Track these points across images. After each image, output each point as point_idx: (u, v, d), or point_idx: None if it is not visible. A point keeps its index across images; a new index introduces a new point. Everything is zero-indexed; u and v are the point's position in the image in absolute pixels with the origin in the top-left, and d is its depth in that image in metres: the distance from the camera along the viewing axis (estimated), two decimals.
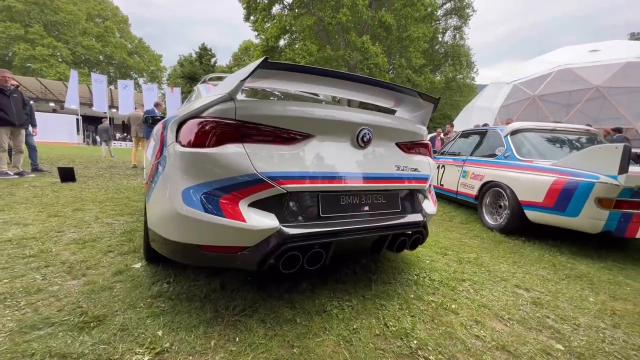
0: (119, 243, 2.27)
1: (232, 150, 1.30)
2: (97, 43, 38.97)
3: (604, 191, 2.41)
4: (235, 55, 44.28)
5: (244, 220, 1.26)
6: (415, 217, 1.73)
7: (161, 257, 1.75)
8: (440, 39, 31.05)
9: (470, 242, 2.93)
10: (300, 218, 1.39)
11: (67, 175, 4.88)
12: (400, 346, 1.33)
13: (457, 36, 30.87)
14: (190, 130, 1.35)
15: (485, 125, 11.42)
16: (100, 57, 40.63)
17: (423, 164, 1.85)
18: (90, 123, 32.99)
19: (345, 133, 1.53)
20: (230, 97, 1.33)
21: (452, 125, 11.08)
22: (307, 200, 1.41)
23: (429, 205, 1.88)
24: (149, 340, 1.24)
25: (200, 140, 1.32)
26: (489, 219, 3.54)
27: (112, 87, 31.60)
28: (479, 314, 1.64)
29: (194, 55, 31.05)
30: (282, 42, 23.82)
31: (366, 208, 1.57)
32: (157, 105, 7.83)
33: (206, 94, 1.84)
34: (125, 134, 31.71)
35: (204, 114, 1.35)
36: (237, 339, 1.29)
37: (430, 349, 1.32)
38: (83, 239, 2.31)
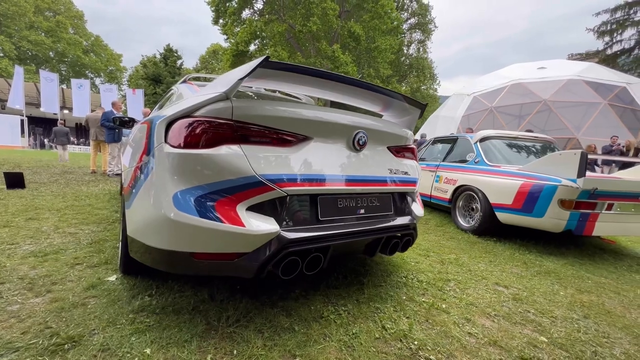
0: (87, 254, 2.06)
1: (228, 152, 1.24)
2: (47, 38, 35.85)
3: (565, 193, 2.65)
4: (203, 58, 43.04)
5: (242, 225, 1.20)
6: (407, 220, 1.76)
7: (140, 268, 1.62)
8: (405, 51, 32.64)
9: (448, 244, 3.05)
10: (299, 222, 1.35)
11: (14, 181, 4.38)
12: (401, 348, 1.33)
13: (421, 49, 32.67)
14: (181, 130, 1.27)
15: (452, 134, 12.11)
16: (51, 53, 37.38)
17: (412, 167, 1.90)
18: (37, 125, 30.01)
19: (342, 136, 1.53)
20: (226, 96, 1.28)
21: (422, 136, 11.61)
22: (305, 203, 1.38)
23: (417, 208, 1.93)
24: (137, 359, 1.12)
25: (193, 140, 1.24)
26: (462, 222, 3.72)
27: (64, 86, 29.15)
28: (468, 312, 1.69)
29: (158, 56, 29.65)
30: (252, 47, 23.56)
31: (362, 211, 1.57)
32: (114, 104, 7.34)
33: (192, 93, 1.75)
34: (81, 138, 29.32)
35: (196, 113, 1.28)
36: (235, 352, 1.21)
37: (430, 348, 1.34)
38: (43, 251, 2.06)
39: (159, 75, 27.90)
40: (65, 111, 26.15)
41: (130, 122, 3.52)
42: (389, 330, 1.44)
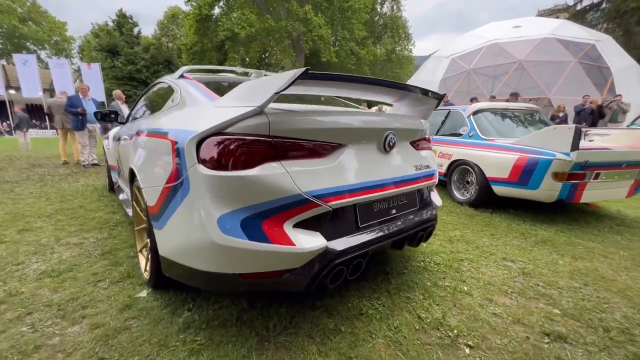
0: (104, 269, 1.99)
1: (271, 171, 1.20)
2: None
3: (560, 166, 2.82)
4: (161, 23, 39.25)
5: (292, 244, 1.20)
6: (431, 212, 1.83)
7: (171, 282, 1.60)
8: (379, 9, 31.38)
9: (449, 219, 3.22)
10: (342, 232, 1.37)
11: None
12: (441, 337, 1.45)
13: (395, 7, 31.49)
14: (217, 150, 1.20)
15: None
16: None
17: (431, 158, 1.93)
18: None
19: (373, 139, 1.51)
20: (261, 110, 1.20)
21: None
22: (347, 213, 1.39)
23: (437, 197, 1.99)
24: None
25: (232, 161, 1.18)
26: (458, 195, 3.89)
27: (3, 62, 25.88)
28: (488, 292, 1.85)
29: (110, 24, 26.68)
30: (216, 10, 21.67)
31: (393, 211, 1.61)
32: (80, 89, 6.70)
33: (202, 96, 1.64)
34: (36, 121, 26.74)
35: (230, 130, 1.20)
36: None
37: (465, 334, 1.47)
38: (55, 269, 1.97)
39: (115, 46, 25.37)
40: (12, 91, 23.48)
41: (114, 116, 3.25)
42: (425, 320, 1.56)
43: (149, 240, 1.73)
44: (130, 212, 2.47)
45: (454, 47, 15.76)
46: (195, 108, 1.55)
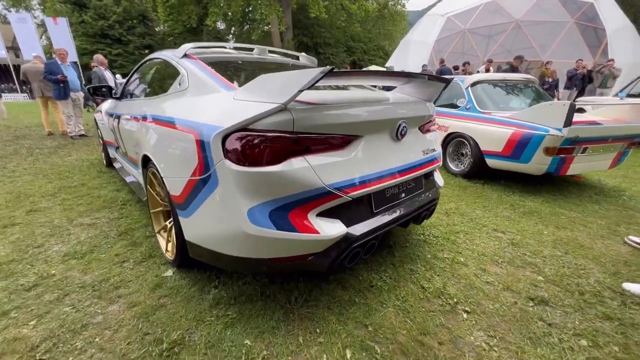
0: (124, 249, 2.09)
1: (296, 166, 1.27)
2: None
3: (551, 142, 2.96)
4: None
5: (317, 232, 1.32)
6: (434, 192, 1.96)
7: (195, 262, 1.72)
8: None
9: (444, 191, 3.40)
10: (359, 218, 1.48)
11: None
12: (442, 304, 1.66)
13: None
14: (243, 146, 1.25)
15: (424, 66, 11.87)
16: None
17: (435, 141, 2.02)
18: None
19: (387, 129, 1.58)
20: (285, 106, 1.24)
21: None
22: (363, 200, 1.50)
23: (439, 178, 2.12)
24: (243, 351, 1.33)
25: (258, 157, 1.25)
26: (452, 166, 4.05)
27: None
28: (482, 262, 2.06)
29: None
30: None
31: (403, 195, 1.73)
32: (59, 54, 6.24)
33: (213, 82, 1.63)
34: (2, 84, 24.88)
35: (255, 126, 1.25)
36: (318, 330, 1.46)
37: (463, 301, 1.69)
38: (78, 251, 2.06)
39: None
40: None
41: (107, 91, 3.14)
42: (428, 290, 1.76)
43: (171, 224, 1.83)
44: (136, 190, 2.52)
45: (450, 4, 15.04)
46: (212, 98, 1.55)
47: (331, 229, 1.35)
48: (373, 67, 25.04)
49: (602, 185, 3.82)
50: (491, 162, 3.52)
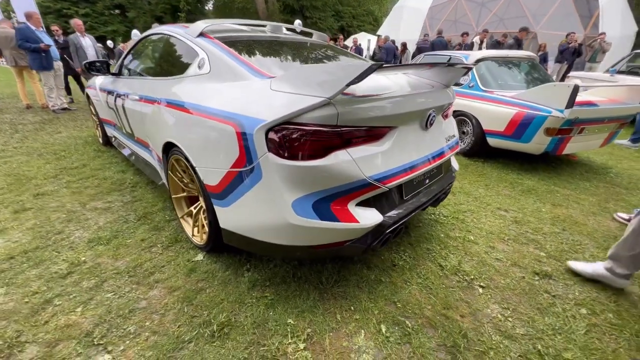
0: (149, 234, 2.12)
1: (340, 159, 1.31)
2: None
3: (553, 123, 3.08)
4: None
5: (357, 221, 1.39)
6: (451, 176, 2.06)
7: (226, 247, 1.79)
8: None
9: None
10: (392, 206, 1.56)
11: None
12: (460, 281, 1.82)
13: None
14: (288, 140, 1.27)
15: (426, 36, 11.57)
16: None
17: (453, 126, 2.08)
18: None
19: (418, 119, 1.62)
20: (330, 101, 1.25)
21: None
22: (395, 189, 1.57)
23: (455, 162, 2.20)
24: (288, 329, 1.44)
25: (303, 151, 1.28)
26: None
27: None
28: (490, 240, 2.23)
29: None
30: None
31: (427, 181, 1.81)
32: (29, 17, 5.67)
33: (242, 67, 1.60)
34: None
35: (299, 120, 1.26)
36: (352, 308, 1.59)
37: (478, 277, 1.85)
38: (102, 237, 2.07)
39: None
40: None
41: (104, 67, 2.97)
42: (445, 268, 1.91)
43: (196, 209, 1.86)
44: (148, 173, 2.49)
45: None
46: (243, 86, 1.52)
47: (369, 217, 1.43)
48: (363, 35, 24.17)
49: (591, 162, 4.05)
50: (492, 141, 3.64)
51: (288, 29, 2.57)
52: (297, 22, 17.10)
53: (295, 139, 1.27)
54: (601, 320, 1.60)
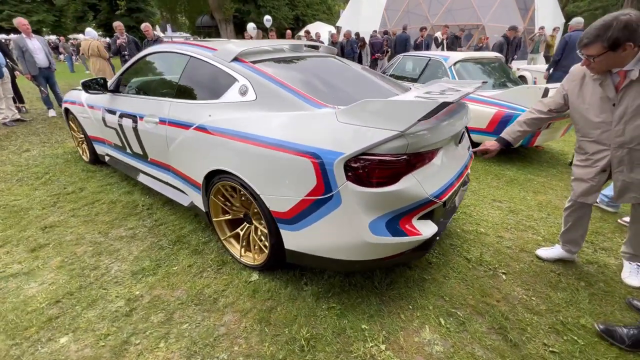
0: (193, 259, 2.13)
1: (409, 183, 1.49)
2: None
3: None
4: None
5: (420, 234, 1.60)
6: (468, 178, 2.35)
7: (278, 265, 1.92)
8: None
9: None
10: (439, 215, 1.79)
11: None
12: (486, 271, 2.13)
13: None
14: (366, 171, 1.43)
15: (374, 32, 11.90)
16: None
17: (467, 138, 2.36)
18: None
19: (454, 138, 1.85)
20: (402, 133, 1.41)
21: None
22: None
23: None
24: (366, 334, 1.62)
25: (379, 179, 1.45)
26: None
27: None
28: (497, 230, 2.59)
29: None
30: None
31: (460, 188, 2.07)
32: None
33: (296, 98, 1.70)
34: None
35: (375, 151, 1.42)
36: (411, 307, 1.81)
37: (498, 266, 2.18)
38: (145, 268, 2.04)
39: None
40: None
41: (102, 85, 2.79)
42: (471, 260, 2.22)
43: (243, 231, 1.96)
44: (170, 195, 2.46)
45: None
46: (304, 116, 1.61)
47: (428, 229, 1.64)
48: (318, 25, 24.03)
49: (551, 149, 4.71)
50: (475, 137, 4.06)
51: (307, 46, 2.64)
52: (267, 17, 16.55)
53: (373, 168, 1.42)
54: (597, 290, 2.00)
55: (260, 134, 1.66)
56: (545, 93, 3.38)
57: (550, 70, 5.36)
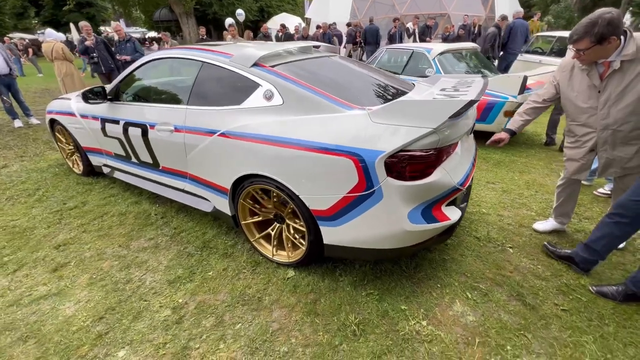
0: (225, 263, 2.18)
1: (440, 175, 1.65)
2: None
3: (510, 106, 3.86)
4: None
5: (449, 219, 1.77)
6: None
7: (312, 261, 2.05)
8: None
9: None
10: (460, 200, 1.98)
11: None
12: (495, 246, 2.37)
13: None
14: (405, 166, 1.57)
15: (349, 24, 11.98)
16: None
17: None
18: None
19: (466, 129, 2.03)
20: (435, 130, 1.56)
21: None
22: None
23: None
24: (407, 314, 1.79)
25: (416, 173, 1.59)
26: None
27: None
28: (496, 209, 2.86)
29: None
30: None
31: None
32: None
33: (320, 98, 1.80)
34: None
35: (411, 147, 1.55)
36: (439, 285, 2.00)
37: (505, 241, 2.43)
38: (180, 276, 2.06)
39: None
40: None
41: (101, 95, 2.70)
42: (480, 239, 2.45)
43: (274, 230, 2.05)
44: (188, 202, 2.47)
45: None
46: (337, 118, 1.71)
47: (454, 214, 1.82)
48: (285, 16, 23.67)
49: (526, 131, 5.13)
50: None
51: (315, 47, 2.70)
52: (239, 11, 15.95)
53: (410, 164, 1.56)
54: None
55: (298, 138, 1.74)
56: (524, 81, 3.70)
57: (501, 53, 5.96)
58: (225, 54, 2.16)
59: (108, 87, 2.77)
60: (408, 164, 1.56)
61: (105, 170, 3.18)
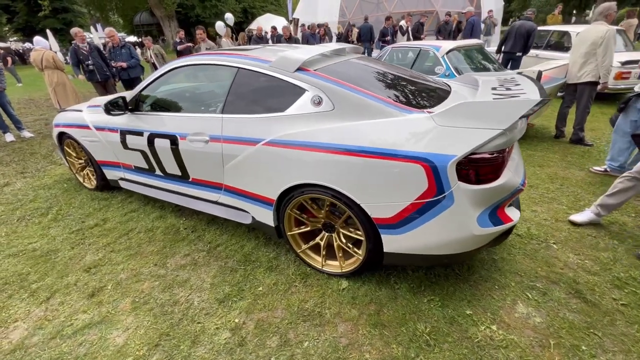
0: (272, 277, 2.09)
1: (508, 176, 1.62)
2: None
3: None
4: None
5: (512, 220, 1.74)
6: None
7: (365, 270, 1.99)
8: None
9: None
10: (514, 201, 1.95)
11: None
12: (539, 243, 2.36)
13: None
14: (475, 169, 1.53)
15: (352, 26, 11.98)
16: None
17: None
18: None
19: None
20: (504, 131, 1.52)
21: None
22: None
23: None
24: (473, 319, 1.75)
25: (487, 176, 1.56)
26: None
27: None
28: (529, 205, 2.86)
29: None
30: None
31: None
32: None
33: (375, 102, 1.75)
34: None
35: (482, 150, 1.51)
36: (497, 286, 1.97)
37: (546, 237, 2.42)
38: (229, 294, 1.96)
39: None
40: None
41: (123, 106, 2.56)
42: (523, 236, 2.44)
43: (322, 240, 2.00)
44: (224, 214, 2.37)
45: None
46: (398, 122, 1.65)
47: (515, 215, 1.79)
48: (270, 17, 23.48)
49: (533, 124, 5.21)
50: None
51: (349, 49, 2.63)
52: (227, 15, 15.67)
53: (482, 166, 1.52)
54: (629, 245, 2.34)
55: (358, 145, 1.67)
56: (539, 76, 3.73)
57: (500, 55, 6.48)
58: (262, 59, 2.07)
59: (128, 97, 2.62)
60: (479, 167, 1.52)
61: (122, 184, 3.02)
